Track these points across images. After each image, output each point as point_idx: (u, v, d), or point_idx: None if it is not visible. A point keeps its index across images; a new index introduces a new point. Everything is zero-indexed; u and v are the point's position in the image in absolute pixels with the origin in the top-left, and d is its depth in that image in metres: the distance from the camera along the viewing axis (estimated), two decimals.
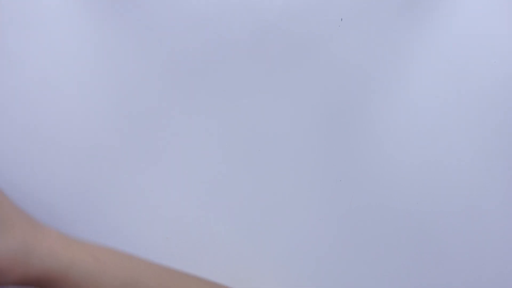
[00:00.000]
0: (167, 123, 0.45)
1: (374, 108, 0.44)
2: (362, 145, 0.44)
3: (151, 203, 0.46)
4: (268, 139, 0.45)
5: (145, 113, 0.45)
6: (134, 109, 0.45)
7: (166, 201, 0.46)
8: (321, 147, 0.45)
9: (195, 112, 0.45)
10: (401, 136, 0.44)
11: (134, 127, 0.45)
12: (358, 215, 0.45)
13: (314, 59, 0.43)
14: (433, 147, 0.44)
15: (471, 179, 0.44)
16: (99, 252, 0.39)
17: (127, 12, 0.43)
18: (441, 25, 0.42)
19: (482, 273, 0.45)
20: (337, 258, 0.46)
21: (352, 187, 0.45)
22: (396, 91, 0.44)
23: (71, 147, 0.45)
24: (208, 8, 0.43)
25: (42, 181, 0.44)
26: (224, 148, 0.45)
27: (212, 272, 0.46)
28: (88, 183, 0.46)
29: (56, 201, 0.44)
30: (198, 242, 0.46)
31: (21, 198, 0.43)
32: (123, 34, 0.44)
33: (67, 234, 0.41)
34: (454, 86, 0.43)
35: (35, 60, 0.44)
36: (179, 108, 0.45)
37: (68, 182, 0.46)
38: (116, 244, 0.46)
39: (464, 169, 0.44)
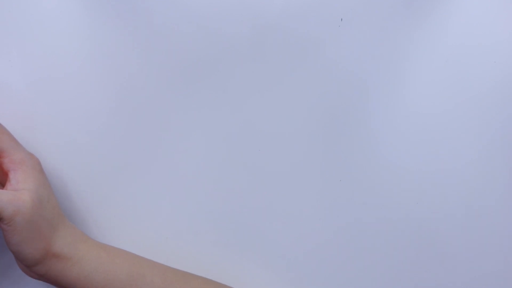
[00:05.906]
0: (167, 123, 0.45)
1: (374, 108, 0.44)
2: (362, 145, 0.44)
3: (151, 203, 0.46)
4: (268, 139, 0.45)
5: (144, 113, 0.45)
6: (133, 109, 0.45)
7: (166, 201, 0.46)
8: (321, 147, 0.45)
9: (194, 112, 0.45)
10: (401, 136, 0.44)
11: (134, 126, 0.45)
12: (358, 215, 0.45)
13: (314, 59, 0.43)
14: (433, 147, 0.44)
15: (471, 179, 0.44)
16: (110, 248, 0.43)
17: (127, 11, 0.43)
18: (442, 26, 0.42)
19: (482, 273, 0.45)
20: (337, 258, 0.46)
21: (352, 187, 0.45)
22: (396, 90, 0.44)
23: (71, 147, 0.45)
24: (208, 8, 0.43)
25: None
26: (224, 147, 0.45)
27: (213, 272, 0.46)
28: (88, 183, 0.46)
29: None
30: (198, 242, 0.46)
31: None
32: (123, 34, 0.44)
33: None
34: (454, 86, 0.43)
35: (35, 60, 0.44)
36: (178, 108, 0.45)
37: (68, 182, 0.46)
38: (116, 244, 0.46)
39: (463, 169, 0.44)
